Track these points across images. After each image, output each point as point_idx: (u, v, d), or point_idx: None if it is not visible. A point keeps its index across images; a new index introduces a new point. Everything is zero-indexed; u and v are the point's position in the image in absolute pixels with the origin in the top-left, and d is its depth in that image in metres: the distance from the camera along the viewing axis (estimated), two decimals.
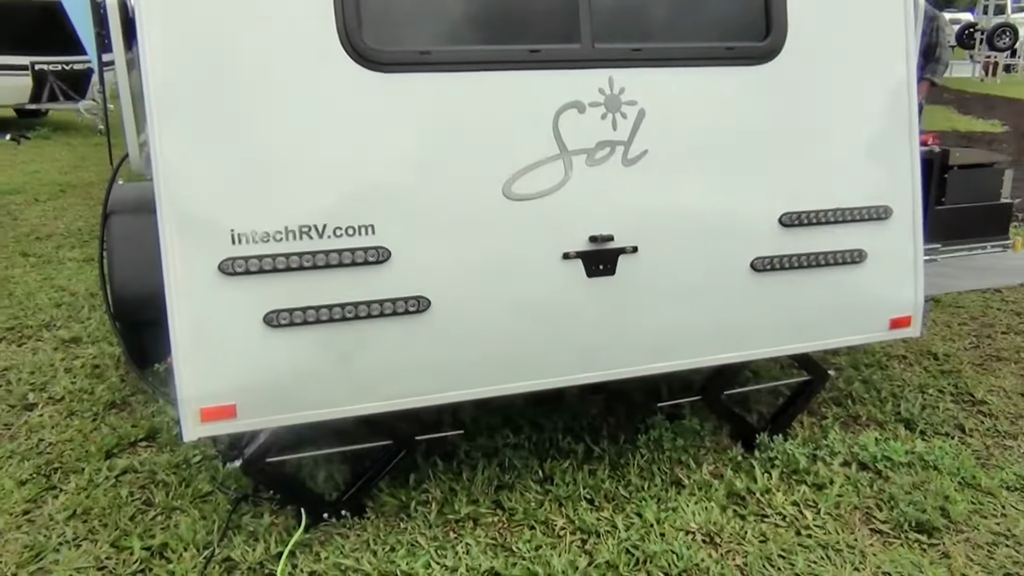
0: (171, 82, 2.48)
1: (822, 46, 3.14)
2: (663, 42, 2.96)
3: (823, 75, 3.15)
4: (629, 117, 2.88)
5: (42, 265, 6.31)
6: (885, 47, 3.25)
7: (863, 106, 3.23)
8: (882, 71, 3.26)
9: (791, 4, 3.05)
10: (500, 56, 2.76)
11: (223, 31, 2.51)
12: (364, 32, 2.60)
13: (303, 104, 2.60)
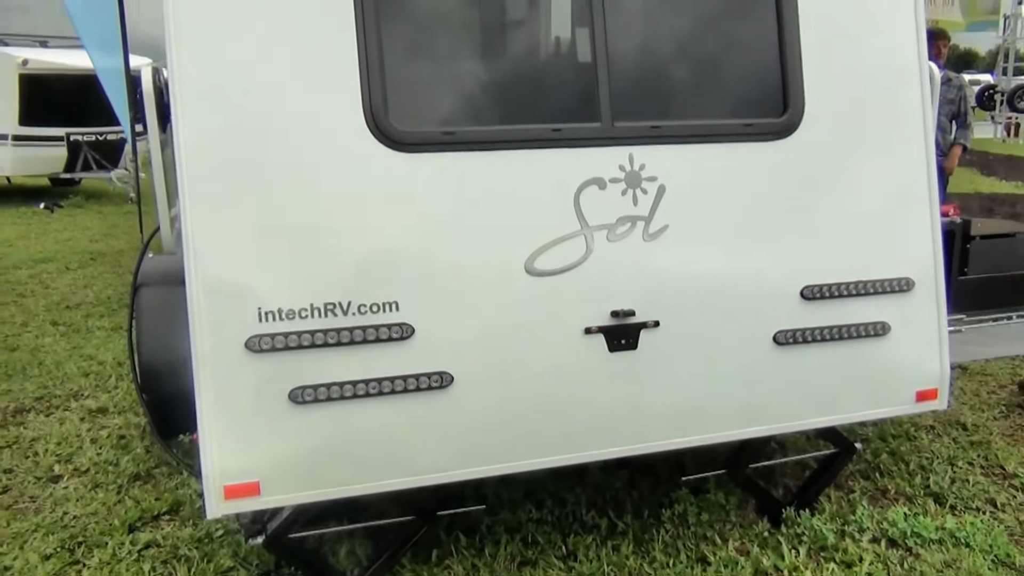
0: (203, 164, 2.55)
1: (840, 120, 3.18)
2: (682, 119, 3.01)
3: (842, 149, 3.18)
4: (649, 193, 2.92)
5: (71, 334, 6.40)
6: (903, 120, 3.29)
7: (882, 179, 3.25)
8: (900, 144, 3.28)
9: (808, 80, 3.10)
10: (522, 135, 2.81)
11: (254, 115, 2.58)
12: (390, 114, 2.67)
13: (330, 184, 2.66)
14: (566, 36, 3.23)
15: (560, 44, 3.30)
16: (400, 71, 2.72)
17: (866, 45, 3.22)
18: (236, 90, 2.58)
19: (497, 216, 2.79)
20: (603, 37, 2.85)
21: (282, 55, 2.61)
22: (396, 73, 2.69)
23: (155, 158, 2.98)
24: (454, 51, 3.00)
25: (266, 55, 2.60)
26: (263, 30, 2.59)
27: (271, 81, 2.60)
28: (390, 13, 2.68)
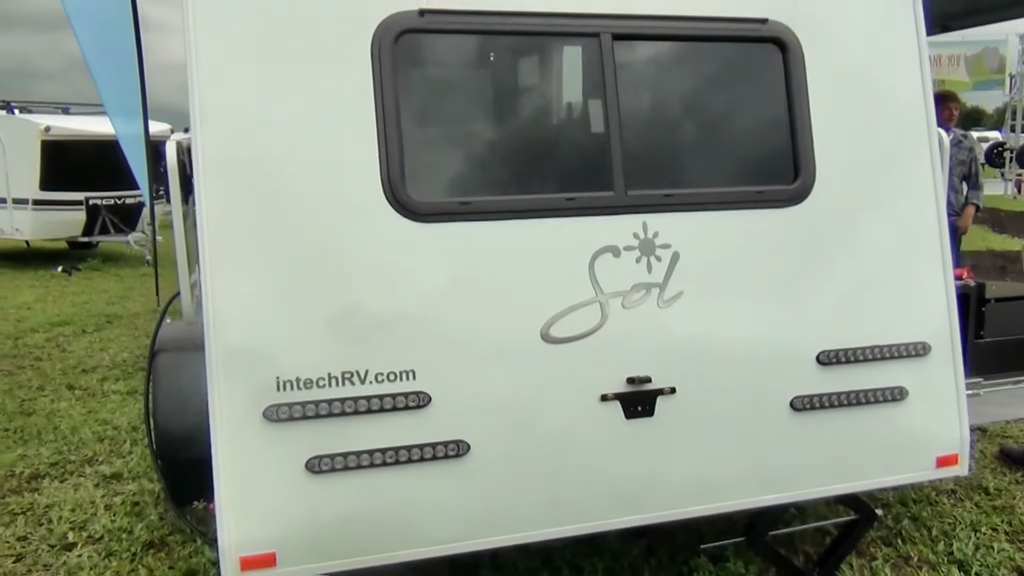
0: (224, 234, 2.60)
1: (851, 186, 3.21)
2: (694, 187, 3.05)
3: (853, 214, 3.21)
4: (663, 260, 2.95)
5: (87, 398, 6.43)
6: (914, 184, 3.31)
7: (894, 243, 3.27)
8: (912, 208, 3.31)
9: (818, 147, 3.14)
10: (537, 205, 2.85)
11: (274, 188, 2.64)
12: (407, 185, 2.71)
13: (349, 254, 2.70)
14: (579, 107, 3.30)
15: (573, 114, 3.38)
16: (417, 143, 2.78)
17: (875, 110, 3.26)
18: (257, 164, 2.64)
19: (513, 284, 2.81)
20: (615, 107, 2.91)
21: (302, 129, 2.67)
22: (413, 145, 2.75)
23: (177, 227, 3.03)
24: (469, 123, 3.07)
25: (286, 129, 2.66)
26: (284, 106, 2.66)
27: (291, 154, 2.66)
28: (407, 88, 2.75)
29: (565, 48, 3.32)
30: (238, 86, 2.65)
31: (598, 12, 2.90)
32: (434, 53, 2.98)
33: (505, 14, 2.83)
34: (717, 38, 3.08)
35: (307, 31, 2.69)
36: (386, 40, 2.69)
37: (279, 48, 2.68)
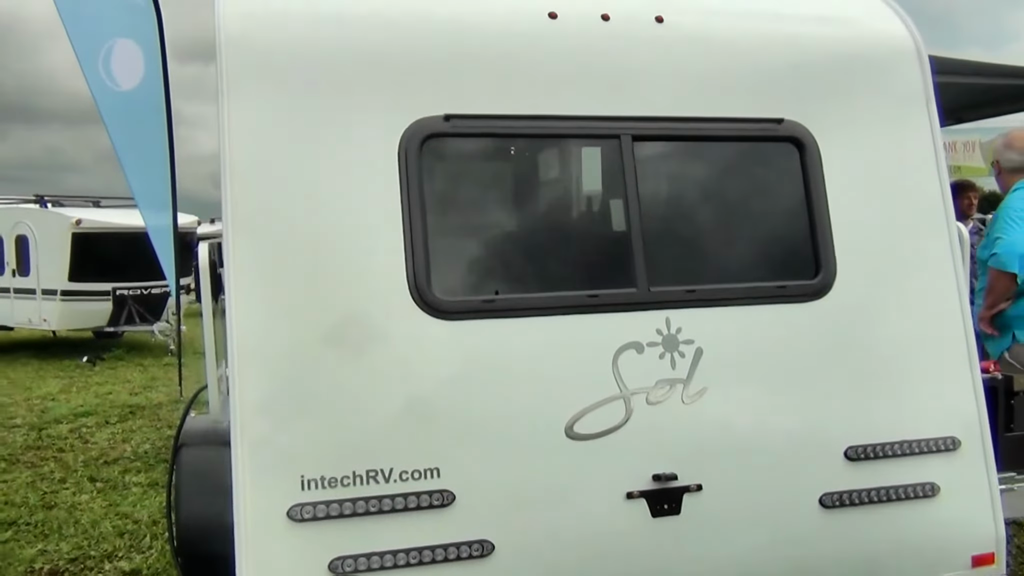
0: (253, 334, 2.65)
1: (873, 279, 3.22)
2: (716, 283, 3.08)
3: (876, 308, 3.21)
4: (687, 356, 2.95)
5: (108, 491, 6.42)
6: (936, 277, 3.32)
7: (918, 337, 3.26)
8: (935, 300, 3.30)
9: (839, 242, 3.16)
10: (560, 302, 2.89)
11: (302, 288, 2.69)
12: (432, 284, 2.76)
13: (374, 352, 2.73)
14: (601, 205, 3.37)
15: (595, 213, 3.44)
16: (442, 243, 2.84)
17: (893, 205, 3.30)
18: (286, 265, 2.70)
19: (536, 382, 2.82)
20: (636, 206, 2.97)
21: (330, 231, 2.74)
22: (438, 245, 2.80)
23: (207, 324, 3.09)
24: (493, 222, 3.13)
25: (315, 232, 2.73)
26: (314, 209, 2.74)
27: (319, 255, 2.72)
28: (433, 189, 2.83)
29: (586, 148, 3.40)
30: (269, 188, 2.74)
31: (618, 115, 2.99)
32: (459, 156, 3.07)
33: (527, 118, 2.92)
34: (734, 138, 3.15)
35: (337, 136, 2.79)
36: (412, 144, 2.78)
37: (310, 151, 2.78)
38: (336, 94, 2.81)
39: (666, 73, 3.11)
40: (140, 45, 8.13)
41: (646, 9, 3.16)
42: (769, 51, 3.26)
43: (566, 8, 3.06)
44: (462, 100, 2.87)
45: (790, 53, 3.28)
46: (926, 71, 3.38)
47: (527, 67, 2.97)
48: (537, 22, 3.01)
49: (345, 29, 2.89)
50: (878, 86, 3.34)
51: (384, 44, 2.89)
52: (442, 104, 2.84)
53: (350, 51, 2.86)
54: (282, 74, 2.80)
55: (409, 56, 2.88)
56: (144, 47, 8.21)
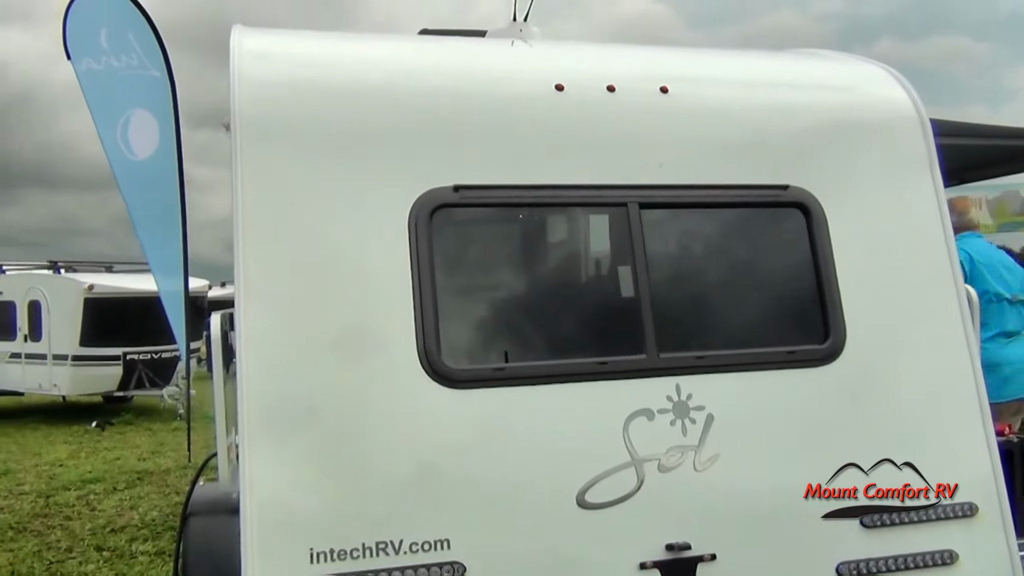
0: (264, 403, 2.65)
1: (883, 344, 3.21)
2: (726, 349, 3.08)
3: (887, 372, 3.20)
4: (698, 422, 2.94)
5: (115, 560, 6.35)
6: (946, 340, 3.30)
7: (930, 401, 3.24)
8: (945, 365, 3.28)
9: (847, 307, 3.16)
10: (569, 369, 2.89)
11: (313, 359, 2.71)
12: (442, 352, 2.77)
13: (384, 422, 2.73)
14: (609, 272, 3.38)
15: (603, 280, 3.46)
16: (452, 311, 2.86)
17: (900, 268, 3.31)
18: (297, 333, 2.72)
19: (547, 450, 2.81)
20: (644, 272, 2.99)
21: (340, 299, 2.77)
22: (448, 313, 2.82)
23: (217, 394, 3.09)
24: (502, 291, 3.15)
25: (325, 300, 2.76)
26: (324, 277, 2.77)
27: (329, 325, 2.74)
28: (443, 259, 2.85)
29: (594, 216, 3.44)
30: (281, 256, 2.77)
31: (624, 183, 3.03)
32: (468, 225, 3.11)
33: (535, 187, 2.96)
34: (741, 204, 3.19)
35: (348, 206, 2.83)
36: (423, 214, 2.82)
37: (321, 221, 2.82)
38: (347, 165, 2.87)
39: (672, 142, 3.16)
40: (155, 115, 8.32)
41: (651, 80, 3.22)
42: (773, 119, 3.31)
43: (572, 80, 3.12)
44: (471, 171, 2.92)
45: (794, 120, 3.33)
46: (928, 135, 3.42)
47: (535, 138, 3.03)
48: (544, 94, 3.07)
49: (356, 101, 2.96)
50: (881, 151, 3.39)
51: (394, 116, 2.95)
52: (451, 175, 2.89)
53: (361, 123, 2.92)
54: (295, 144, 2.86)
55: (419, 128, 2.94)
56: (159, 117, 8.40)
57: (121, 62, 8.29)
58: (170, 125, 8.38)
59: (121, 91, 8.28)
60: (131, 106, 8.26)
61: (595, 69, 3.25)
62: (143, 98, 8.29)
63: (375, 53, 3.26)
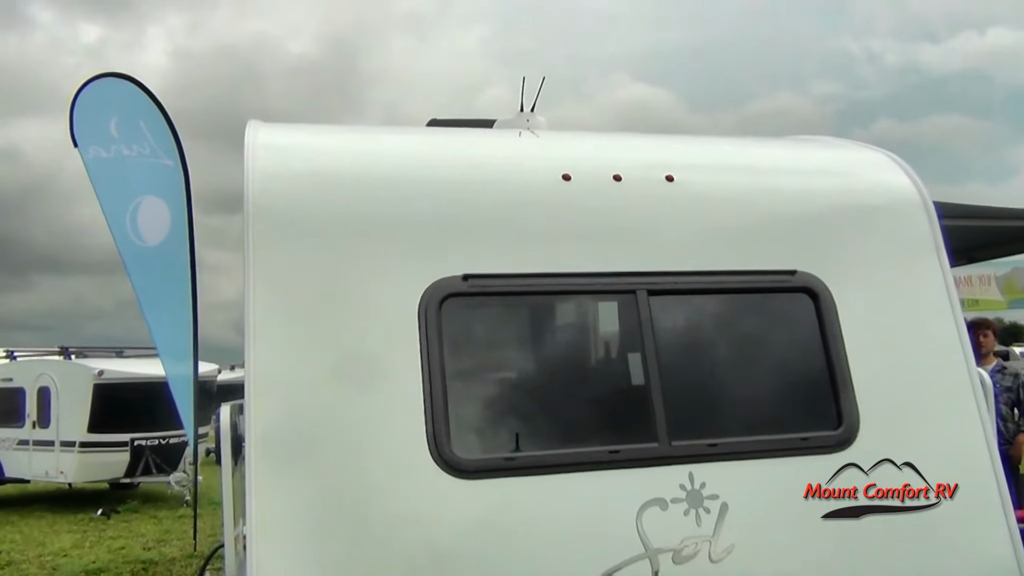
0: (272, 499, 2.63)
1: (897, 429, 3.17)
2: (739, 436, 3.05)
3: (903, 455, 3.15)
4: (712, 512, 2.89)
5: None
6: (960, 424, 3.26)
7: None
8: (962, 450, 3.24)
9: (859, 391, 3.13)
10: (580, 458, 2.86)
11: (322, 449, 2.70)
12: (452, 442, 2.75)
13: (394, 513, 2.69)
14: (619, 359, 3.38)
15: (613, 367, 3.45)
16: (461, 400, 2.85)
17: (911, 351, 3.29)
18: (306, 424, 2.72)
19: (560, 540, 2.76)
20: (654, 359, 2.99)
21: (350, 388, 2.77)
22: (457, 402, 2.81)
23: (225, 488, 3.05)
24: (512, 379, 3.15)
25: (335, 389, 2.76)
26: (334, 367, 2.78)
27: (339, 414, 2.74)
28: (452, 347, 2.86)
29: (603, 303, 3.45)
30: (291, 347, 2.79)
31: (633, 270, 3.05)
32: (478, 313, 3.12)
33: (544, 276, 2.99)
34: (748, 290, 3.20)
35: (358, 296, 2.86)
36: (432, 304, 2.84)
37: (331, 311, 2.84)
38: (358, 254, 2.90)
39: (679, 229, 3.19)
40: (167, 202, 8.45)
41: (656, 168, 3.28)
42: (778, 205, 3.35)
43: (579, 169, 3.18)
44: (480, 260, 2.95)
45: (799, 206, 3.37)
46: (932, 218, 3.45)
47: (543, 227, 3.06)
48: (552, 184, 3.12)
49: (367, 193, 3.01)
50: (887, 235, 3.41)
51: (404, 207, 3.00)
52: (460, 264, 2.92)
53: (371, 213, 2.97)
54: (306, 235, 2.90)
55: (428, 218, 2.98)
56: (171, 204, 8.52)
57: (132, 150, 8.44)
58: (182, 212, 8.49)
59: (131, 178, 8.41)
60: (141, 193, 8.38)
61: (601, 159, 3.32)
62: (154, 185, 8.42)
63: (385, 145, 3.34)
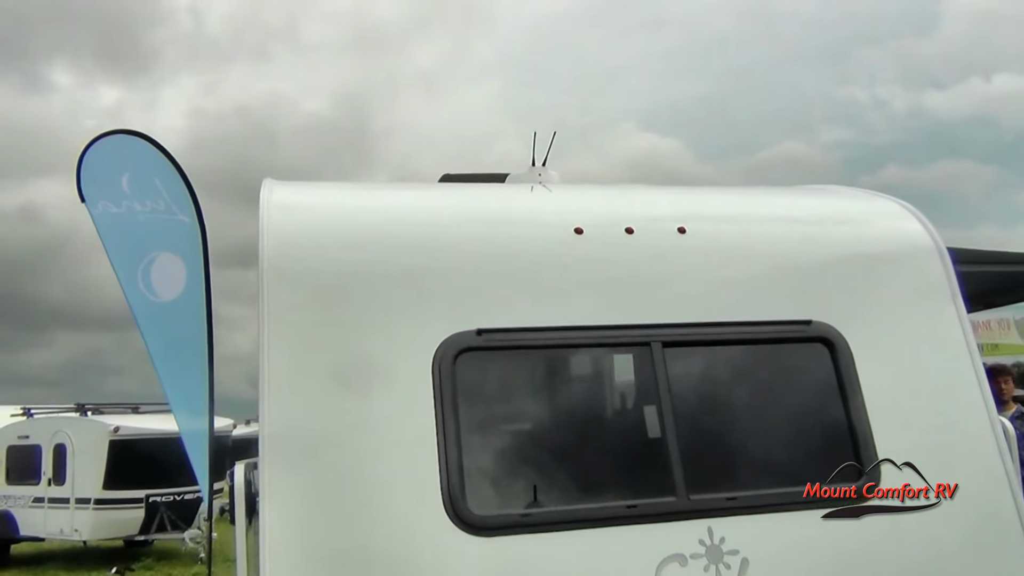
0: (288, 556, 2.61)
1: (919, 481, 3.11)
2: (758, 489, 3.00)
3: (926, 511, 3.09)
4: (733, 567, 2.84)
5: None
6: (983, 473, 3.20)
7: (972, 540, 3.11)
8: (984, 499, 3.17)
9: (879, 441, 3.09)
10: (597, 514, 2.83)
11: (336, 506, 2.68)
12: (467, 499, 2.72)
13: (408, 571, 2.66)
14: (635, 413, 3.36)
15: (629, 421, 3.43)
16: (476, 456, 2.83)
17: (931, 399, 3.26)
18: (319, 483, 2.70)
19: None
20: (670, 412, 2.97)
21: (364, 446, 2.76)
22: (472, 459, 2.79)
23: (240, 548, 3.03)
24: (527, 435, 3.12)
25: (349, 446, 2.76)
26: (347, 424, 2.78)
27: (354, 472, 2.72)
28: (467, 403, 2.85)
29: (617, 356, 3.44)
30: (305, 405, 2.78)
31: (647, 323, 3.05)
32: (492, 367, 3.11)
33: (558, 329, 2.98)
34: (764, 341, 3.18)
35: (372, 353, 2.86)
36: (446, 359, 2.84)
37: (346, 369, 2.84)
38: (370, 311, 2.91)
39: (692, 280, 3.19)
40: (183, 258, 8.49)
41: (668, 220, 3.29)
42: (791, 254, 3.35)
43: (591, 223, 3.20)
44: (493, 314, 2.95)
45: (812, 255, 3.36)
46: (947, 264, 3.43)
47: (556, 280, 3.07)
48: (564, 237, 3.14)
49: (379, 251, 3.03)
50: (902, 282, 3.39)
51: (417, 262, 3.02)
52: (474, 319, 2.92)
53: (384, 270, 2.99)
54: (319, 292, 2.92)
55: (441, 274, 3.00)
56: (186, 260, 8.56)
57: (146, 207, 8.47)
58: (199, 268, 8.51)
59: (144, 234, 8.43)
60: (155, 249, 8.40)
61: (613, 212, 3.33)
62: (169, 242, 8.46)
63: (399, 202, 3.37)
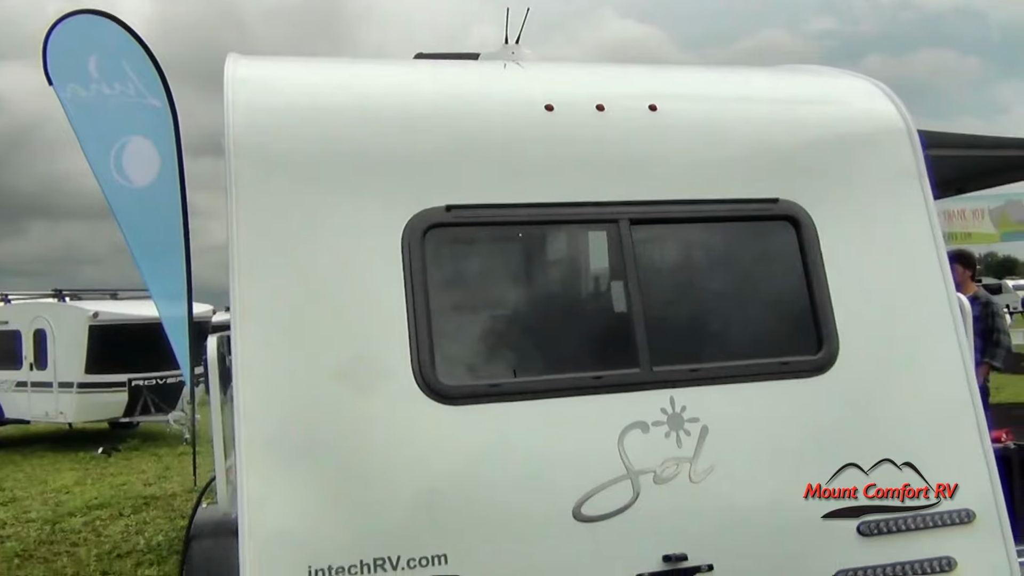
0: (259, 427, 2.69)
1: (876, 354, 3.23)
2: (719, 361, 3.10)
3: (880, 382, 3.22)
4: (693, 434, 2.96)
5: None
6: (939, 349, 3.32)
7: (925, 409, 3.25)
8: (939, 373, 3.30)
9: (840, 317, 3.18)
10: (564, 384, 2.92)
11: (308, 380, 2.75)
12: (437, 370, 2.80)
13: (381, 440, 2.76)
14: (602, 288, 3.42)
15: (596, 296, 3.50)
16: (446, 329, 2.89)
17: (891, 278, 3.33)
18: (292, 356, 2.76)
19: (543, 464, 2.84)
20: (636, 287, 3.03)
21: (335, 322, 2.81)
22: (442, 331, 2.86)
23: (215, 417, 3.12)
24: (496, 308, 3.19)
25: (320, 323, 2.80)
26: (318, 301, 2.81)
27: (324, 346, 2.78)
28: (436, 278, 2.90)
29: (585, 233, 3.48)
30: (275, 280, 2.82)
31: (615, 200, 3.07)
32: (461, 244, 3.15)
33: (526, 206, 3.01)
34: (730, 218, 3.22)
35: (341, 228, 2.88)
36: (415, 235, 2.87)
37: (314, 244, 2.86)
38: (339, 188, 2.91)
39: (661, 158, 3.20)
40: (154, 143, 8.34)
41: (639, 98, 3.27)
42: (761, 133, 3.35)
43: (562, 100, 3.17)
44: (463, 191, 2.97)
45: (782, 134, 3.37)
46: (916, 147, 3.46)
47: (525, 157, 3.07)
48: (534, 114, 3.12)
49: (346, 125, 3.01)
50: (870, 163, 3.42)
51: (385, 139, 3.00)
52: (443, 195, 2.94)
53: (351, 146, 2.97)
54: (287, 169, 2.90)
55: (410, 149, 2.99)
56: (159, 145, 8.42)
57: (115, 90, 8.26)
58: (172, 153, 8.38)
59: (114, 119, 8.25)
60: (126, 134, 8.23)
61: (584, 89, 3.31)
62: (140, 126, 8.29)
63: (367, 77, 3.32)
